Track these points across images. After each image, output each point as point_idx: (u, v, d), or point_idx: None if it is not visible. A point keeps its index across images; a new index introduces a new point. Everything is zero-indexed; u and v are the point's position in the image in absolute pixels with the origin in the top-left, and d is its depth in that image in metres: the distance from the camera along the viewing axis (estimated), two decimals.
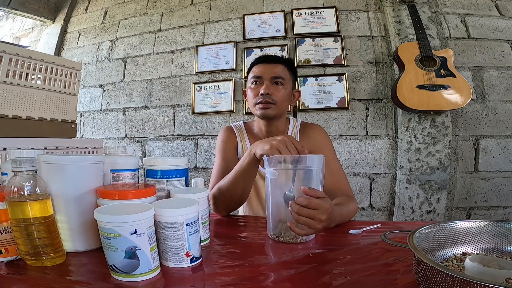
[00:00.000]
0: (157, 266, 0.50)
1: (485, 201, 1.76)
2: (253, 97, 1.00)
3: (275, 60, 1.02)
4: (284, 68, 1.01)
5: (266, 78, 0.98)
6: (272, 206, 0.70)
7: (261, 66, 1.01)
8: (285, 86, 1.00)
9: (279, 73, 0.99)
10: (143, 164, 0.73)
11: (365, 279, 0.49)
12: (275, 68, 1.00)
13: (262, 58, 1.04)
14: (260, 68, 1.01)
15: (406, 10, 1.83)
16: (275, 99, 0.97)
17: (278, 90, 0.98)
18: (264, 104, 0.97)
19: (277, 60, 1.02)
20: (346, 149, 1.88)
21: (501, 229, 0.50)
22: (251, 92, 1.01)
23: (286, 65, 1.03)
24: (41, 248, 0.52)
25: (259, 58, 1.05)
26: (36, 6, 2.51)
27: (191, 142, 2.13)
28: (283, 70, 1.01)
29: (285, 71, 1.02)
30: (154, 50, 2.29)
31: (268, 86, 0.97)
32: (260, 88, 0.97)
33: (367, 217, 1.86)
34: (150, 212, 0.49)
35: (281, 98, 0.99)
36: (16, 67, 0.86)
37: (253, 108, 1.01)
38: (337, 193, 0.93)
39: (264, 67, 1.00)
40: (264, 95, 0.96)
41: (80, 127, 2.42)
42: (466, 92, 1.58)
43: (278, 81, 0.99)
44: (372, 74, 1.91)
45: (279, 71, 0.99)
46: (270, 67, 1.00)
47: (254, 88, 1.00)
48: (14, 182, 0.51)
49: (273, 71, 0.99)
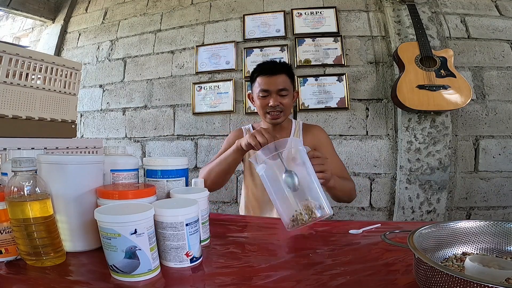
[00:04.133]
0: (157, 266, 0.50)
1: (485, 201, 1.76)
2: (263, 107, 1.13)
3: (278, 71, 1.11)
4: (286, 77, 1.12)
5: (273, 91, 1.10)
6: (278, 199, 0.71)
7: (267, 78, 1.11)
8: (289, 93, 1.12)
9: (283, 84, 1.10)
10: (143, 164, 0.73)
11: (365, 279, 0.49)
12: (279, 79, 1.10)
13: (267, 68, 1.13)
14: (265, 80, 1.11)
15: (406, 10, 1.83)
16: (283, 107, 1.11)
17: (284, 99, 1.11)
18: (274, 115, 1.12)
19: (280, 71, 1.11)
20: (346, 149, 1.88)
21: (501, 229, 0.50)
22: (260, 102, 1.13)
23: (287, 73, 1.13)
24: (41, 248, 0.52)
25: (263, 68, 1.14)
26: (36, 6, 2.51)
27: (191, 142, 2.13)
28: (286, 80, 1.12)
29: (287, 80, 1.12)
30: (154, 50, 2.29)
31: (276, 98, 1.10)
32: (269, 100, 1.10)
33: (367, 217, 1.86)
34: (150, 212, 0.49)
35: (287, 105, 1.13)
36: (16, 67, 0.86)
37: (263, 116, 1.15)
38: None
39: (270, 80, 1.10)
40: (273, 107, 1.10)
41: (80, 127, 2.42)
42: (466, 92, 1.58)
43: (283, 93, 1.10)
44: (372, 74, 1.91)
45: (283, 83, 1.11)
46: (275, 80, 1.10)
47: (263, 100, 1.12)
48: (14, 182, 0.51)
49: (278, 83, 1.10)
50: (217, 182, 1.04)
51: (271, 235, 0.75)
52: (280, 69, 1.12)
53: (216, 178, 1.03)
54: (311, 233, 0.74)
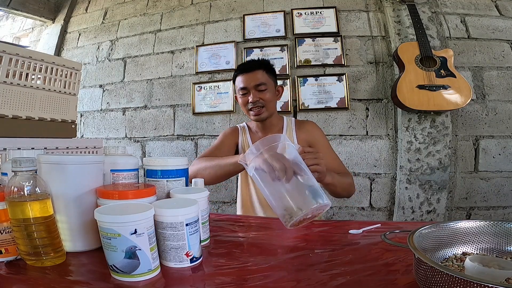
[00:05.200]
0: (157, 266, 0.50)
1: (485, 201, 1.76)
2: (244, 105, 1.15)
3: (253, 67, 1.13)
4: (263, 72, 1.13)
5: (251, 87, 1.11)
6: (274, 200, 0.69)
7: (243, 76, 1.13)
8: (268, 88, 1.13)
9: (260, 79, 1.11)
10: (143, 164, 0.73)
11: (365, 279, 0.49)
12: (255, 75, 1.12)
13: (241, 68, 1.15)
14: (243, 78, 1.13)
15: (406, 10, 1.83)
16: (263, 102, 1.12)
17: (263, 94, 1.12)
18: (255, 111, 1.12)
19: (255, 67, 1.13)
20: (346, 149, 1.88)
21: (501, 229, 0.50)
22: (242, 101, 1.15)
23: (264, 68, 1.14)
24: (41, 248, 0.52)
25: (239, 67, 1.17)
26: (36, 6, 2.51)
27: (191, 142, 2.13)
28: (263, 75, 1.13)
29: (264, 74, 1.13)
30: (154, 50, 2.29)
31: (254, 94, 1.11)
32: (248, 97, 1.12)
33: (367, 217, 1.86)
34: (150, 212, 0.49)
35: (268, 99, 1.13)
36: (16, 67, 0.86)
37: (248, 114, 1.17)
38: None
39: (246, 77, 1.12)
40: (253, 103, 1.11)
41: (80, 127, 2.42)
42: (466, 92, 1.58)
43: (261, 88, 1.11)
44: (372, 74, 1.91)
45: (260, 78, 1.12)
46: (251, 76, 1.12)
47: (243, 98, 1.14)
48: (14, 182, 0.51)
49: (255, 79, 1.11)
50: (209, 181, 1.02)
51: (271, 235, 0.75)
52: (256, 66, 1.13)
53: (208, 178, 1.01)
54: (311, 233, 0.74)
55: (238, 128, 1.26)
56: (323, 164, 0.81)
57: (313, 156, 0.79)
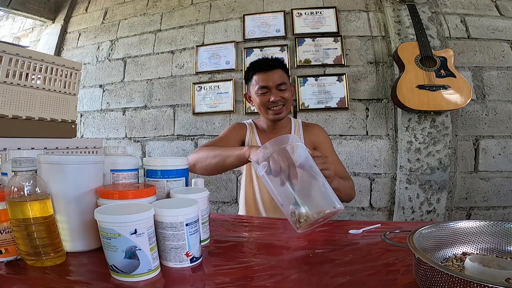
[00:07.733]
0: (157, 266, 0.50)
1: (485, 201, 1.76)
2: (263, 104, 1.12)
3: (274, 66, 1.12)
4: (282, 72, 1.13)
5: (272, 86, 1.10)
6: (283, 200, 0.68)
7: (263, 75, 1.11)
8: (287, 87, 1.13)
9: (281, 79, 1.11)
10: (143, 164, 0.73)
11: (365, 279, 0.49)
12: (276, 74, 1.11)
13: (260, 66, 1.13)
14: (263, 76, 1.11)
15: (406, 10, 1.83)
16: (285, 101, 1.12)
17: (284, 93, 1.12)
18: (276, 110, 1.11)
19: (275, 66, 1.12)
20: (346, 149, 1.88)
21: (501, 229, 0.50)
22: (260, 99, 1.12)
23: (282, 68, 1.14)
24: (41, 248, 0.52)
25: (259, 65, 1.14)
26: (36, 6, 2.51)
27: (191, 142, 2.13)
28: (282, 74, 1.12)
29: (283, 74, 1.13)
30: (154, 50, 2.29)
31: (276, 93, 1.10)
32: (269, 96, 1.10)
33: (367, 217, 1.86)
34: (150, 212, 0.49)
35: (288, 99, 1.13)
36: (16, 67, 0.86)
37: (264, 113, 1.14)
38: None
39: (267, 75, 1.10)
40: (276, 102, 1.10)
41: (80, 127, 2.42)
42: (466, 92, 1.58)
43: (282, 87, 1.11)
44: (372, 74, 1.91)
45: (281, 77, 1.11)
46: (272, 75, 1.10)
47: (263, 97, 1.11)
48: (14, 182, 0.51)
49: (276, 78, 1.10)
50: (208, 171, 1.02)
51: (271, 235, 0.75)
52: (276, 64, 1.12)
53: (209, 168, 1.00)
54: (311, 233, 0.74)
55: (245, 124, 1.25)
56: (332, 169, 0.81)
57: (323, 161, 0.78)
